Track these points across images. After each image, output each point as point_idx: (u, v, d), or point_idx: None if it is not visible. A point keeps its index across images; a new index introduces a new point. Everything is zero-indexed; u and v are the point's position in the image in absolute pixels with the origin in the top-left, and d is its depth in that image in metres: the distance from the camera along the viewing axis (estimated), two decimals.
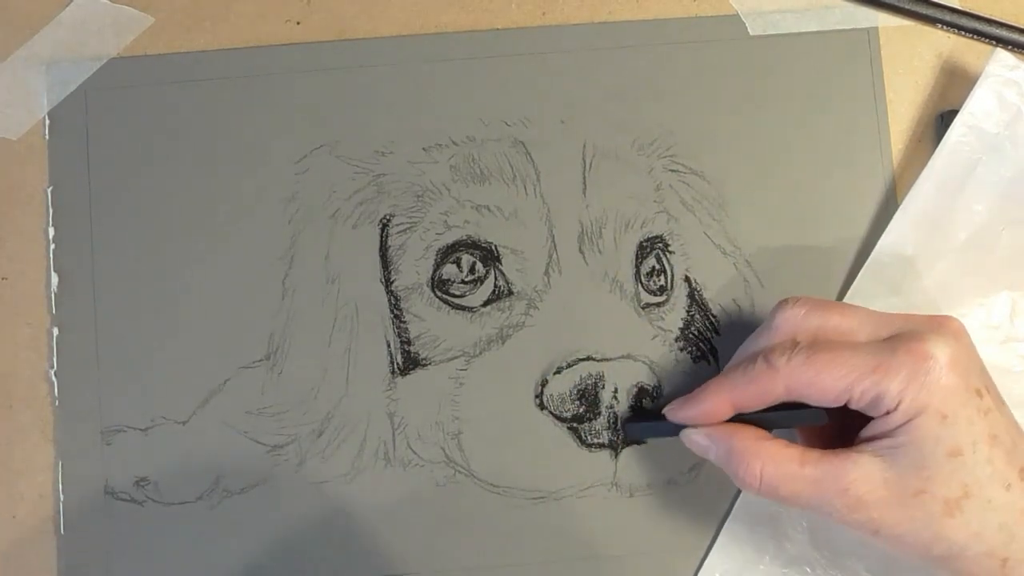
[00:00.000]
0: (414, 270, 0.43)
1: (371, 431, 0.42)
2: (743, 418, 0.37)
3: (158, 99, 0.44)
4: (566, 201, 0.43)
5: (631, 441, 0.42)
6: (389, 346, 0.43)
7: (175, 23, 0.44)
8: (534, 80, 0.44)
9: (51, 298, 0.43)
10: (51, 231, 0.43)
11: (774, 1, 0.45)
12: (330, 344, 0.43)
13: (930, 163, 0.42)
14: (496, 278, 0.43)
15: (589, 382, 0.42)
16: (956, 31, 0.44)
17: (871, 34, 0.44)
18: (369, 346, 0.43)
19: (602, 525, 0.42)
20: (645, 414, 0.42)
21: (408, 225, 0.43)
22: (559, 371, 0.42)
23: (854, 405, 0.34)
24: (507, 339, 0.42)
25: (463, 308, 0.43)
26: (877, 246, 0.42)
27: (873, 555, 0.41)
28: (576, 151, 0.44)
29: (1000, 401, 0.35)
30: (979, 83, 0.42)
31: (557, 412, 0.42)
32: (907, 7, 0.44)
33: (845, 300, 0.43)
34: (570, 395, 0.42)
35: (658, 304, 0.43)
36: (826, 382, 0.34)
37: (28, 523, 0.42)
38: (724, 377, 0.37)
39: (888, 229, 0.43)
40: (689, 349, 0.43)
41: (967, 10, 0.44)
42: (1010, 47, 0.44)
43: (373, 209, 0.43)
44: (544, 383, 0.42)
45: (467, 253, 0.43)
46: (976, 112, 0.42)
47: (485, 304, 0.43)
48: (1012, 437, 0.34)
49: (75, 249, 0.43)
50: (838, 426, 0.37)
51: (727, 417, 0.37)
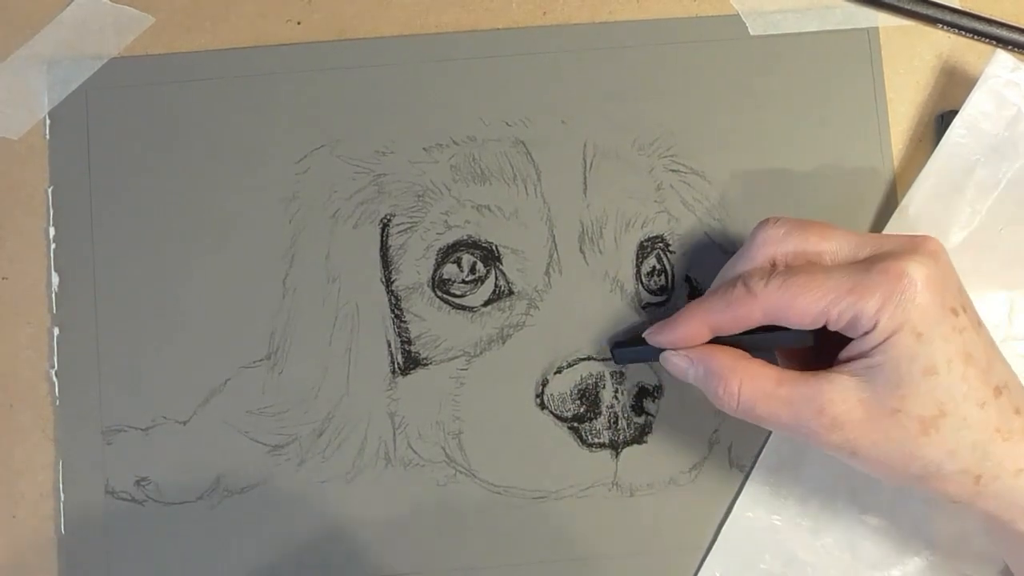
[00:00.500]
0: (415, 270, 0.43)
1: (371, 431, 0.42)
2: (723, 340, 0.37)
3: (158, 99, 0.44)
4: (567, 201, 0.43)
5: (620, 363, 0.42)
6: (390, 346, 0.43)
7: (175, 23, 0.44)
8: (534, 80, 0.44)
9: (51, 298, 0.43)
10: (51, 231, 0.43)
11: (774, 1, 0.45)
12: (331, 344, 0.43)
13: (929, 163, 0.42)
14: (497, 278, 0.43)
15: (590, 382, 0.42)
16: (956, 31, 0.44)
17: (871, 34, 0.44)
18: (370, 346, 0.43)
19: (602, 525, 0.42)
20: (628, 342, 0.41)
21: (409, 225, 0.43)
22: (560, 371, 0.42)
23: (832, 327, 0.34)
24: (508, 339, 0.43)
25: (464, 308, 0.43)
26: None
27: (873, 553, 0.41)
28: (577, 151, 0.44)
29: (977, 321, 0.35)
30: (979, 84, 0.42)
31: (558, 412, 0.42)
32: (907, 7, 0.44)
33: None
34: (571, 395, 0.42)
35: (659, 304, 0.43)
36: (803, 305, 0.34)
37: (28, 523, 0.42)
38: (703, 301, 0.37)
39: (887, 228, 0.43)
40: None
41: (967, 10, 0.44)
42: (1010, 47, 0.44)
43: (374, 209, 0.43)
44: (545, 383, 0.42)
45: (468, 253, 0.43)
46: (975, 113, 0.42)
47: (486, 304, 0.43)
48: (988, 356, 0.34)
49: (75, 249, 0.43)
50: (817, 349, 0.37)
51: (705, 340, 0.37)
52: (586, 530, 0.42)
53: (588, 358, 0.42)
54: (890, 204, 0.43)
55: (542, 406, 0.42)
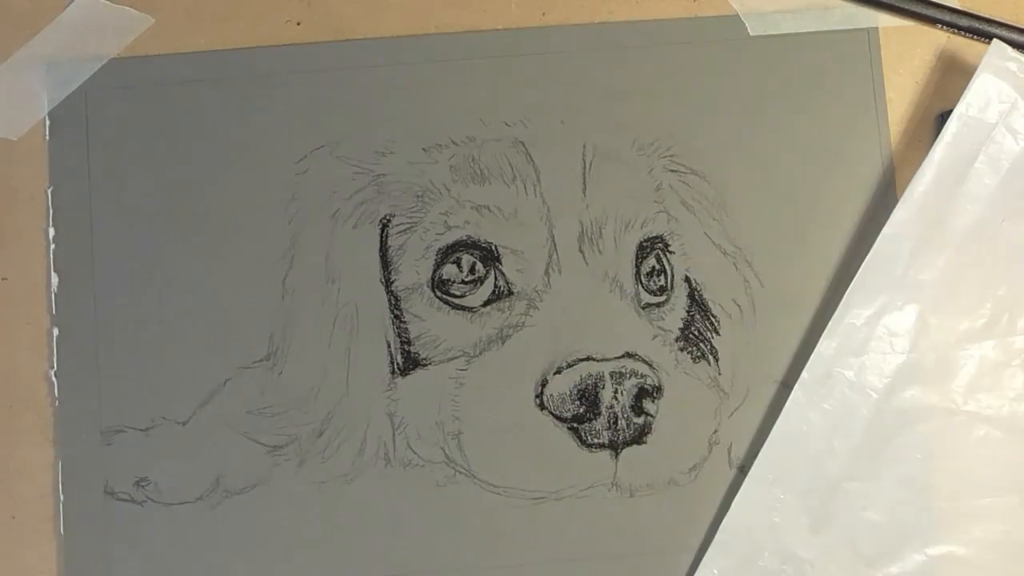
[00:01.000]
0: (414, 270, 0.43)
1: (371, 431, 0.42)
2: None
3: (158, 99, 0.44)
4: (566, 201, 0.43)
5: None
6: (389, 346, 0.43)
7: (175, 23, 0.44)
8: (534, 80, 0.44)
9: (51, 298, 0.43)
10: (51, 231, 0.43)
11: (774, 1, 0.45)
12: (330, 344, 0.43)
13: (929, 155, 0.42)
14: (496, 278, 0.43)
15: (589, 382, 0.42)
16: (956, 31, 0.44)
17: (871, 34, 0.44)
18: (369, 346, 0.43)
19: (602, 525, 0.42)
20: None
21: (408, 225, 0.43)
22: (559, 371, 0.42)
23: None
24: (507, 339, 0.43)
25: (463, 308, 0.43)
26: (878, 239, 0.42)
27: (872, 549, 0.41)
28: (576, 151, 0.44)
29: None
30: (977, 74, 0.42)
31: (557, 412, 0.42)
32: (907, 7, 0.44)
33: (847, 295, 0.42)
34: (570, 395, 0.42)
35: (658, 304, 0.43)
36: None
37: (28, 523, 0.42)
38: None
39: (889, 222, 0.42)
40: (689, 349, 0.43)
41: (967, 10, 0.44)
42: (1010, 47, 0.44)
43: (373, 209, 0.43)
44: (544, 383, 0.42)
45: (467, 253, 0.43)
46: (974, 103, 0.42)
47: (485, 304, 0.43)
48: None
49: (75, 249, 0.43)
50: None
51: None
52: (586, 530, 0.42)
53: (588, 358, 0.42)
54: (890, 204, 0.43)
55: (542, 406, 0.42)
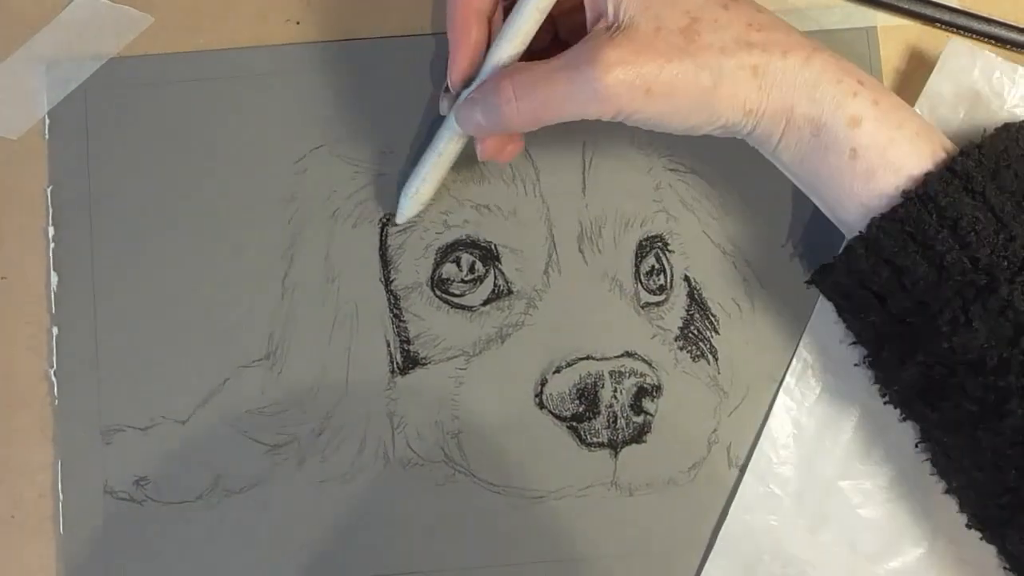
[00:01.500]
0: (414, 269, 0.43)
1: (370, 430, 0.42)
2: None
3: (158, 99, 0.44)
4: (566, 200, 0.43)
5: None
6: (389, 345, 0.43)
7: (175, 23, 0.44)
8: None
9: (51, 298, 0.43)
10: (51, 231, 0.43)
11: (773, 1, 0.45)
12: (330, 343, 0.43)
13: None
14: (496, 277, 0.43)
15: (588, 381, 0.42)
16: (955, 31, 0.44)
17: (870, 34, 0.44)
18: (369, 345, 0.43)
19: (602, 525, 0.42)
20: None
21: (408, 224, 0.43)
22: (559, 370, 0.42)
23: None
24: (507, 338, 0.42)
25: (463, 307, 0.43)
26: None
27: (872, 546, 0.41)
28: (575, 150, 0.44)
29: None
30: (935, 71, 0.42)
31: (556, 411, 0.42)
32: (907, 7, 0.44)
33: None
34: (569, 394, 0.42)
35: (657, 303, 0.43)
36: None
37: (28, 523, 0.42)
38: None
39: None
40: (688, 348, 0.43)
41: (967, 10, 0.44)
42: (1009, 47, 0.44)
43: (373, 209, 0.43)
44: (544, 382, 0.42)
45: (467, 252, 0.43)
46: (935, 99, 0.42)
47: (485, 303, 0.43)
48: None
49: (75, 249, 0.43)
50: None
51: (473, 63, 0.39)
52: (585, 530, 0.42)
53: (587, 358, 0.42)
54: None
55: (541, 406, 0.42)
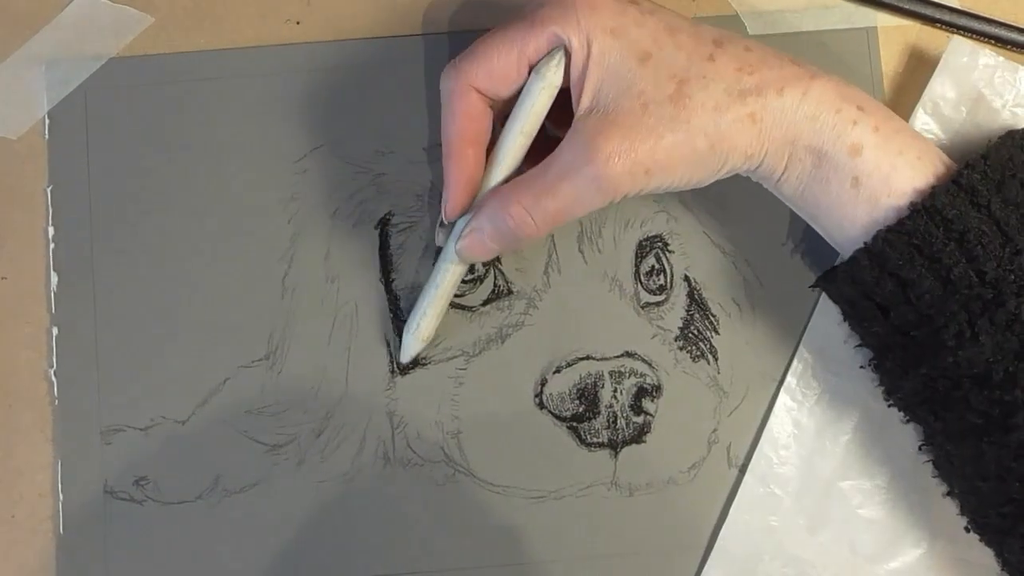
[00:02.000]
0: (414, 269, 0.43)
1: (370, 430, 0.42)
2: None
3: (157, 99, 0.44)
4: None
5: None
6: (389, 345, 0.43)
7: (175, 23, 0.44)
8: None
9: (51, 298, 0.43)
10: (51, 231, 0.43)
11: (774, 1, 0.45)
12: (330, 343, 0.43)
13: None
14: (495, 277, 0.43)
15: (588, 381, 0.42)
16: (956, 31, 0.44)
17: (870, 34, 0.44)
18: (369, 345, 0.43)
19: (602, 525, 0.42)
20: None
21: (408, 225, 0.43)
22: (558, 370, 0.42)
23: (538, 72, 0.36)
24: (506, 338, 0.42)
25: (462, 307, 0.43)
26: None
27: (871, 546, 0.41)
28: None
29: (658, 5, 0.36)
30: (937, 71, 0.42)
31: (556, 411, 0.42)
32: (907, 7, 0.44)
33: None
34: (569, 394, 0.42)
35: (657, 303, 0.43)
36: (496, 66, 0.36)
37: (28, 523, 0.42)
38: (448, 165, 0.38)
39: None
40: (688, 348, 0.43)
41: (967, 10, 0.44)
42: (1009, 46, 0.44)
43: (373, 209, 0.43)
44: (543, 382, 0.42)
45: None
46: (937, 99, 0.42)
47: (484, 303, 0.43)
48: (686, 22, 0.36)
49: (75, 249, 0.43)
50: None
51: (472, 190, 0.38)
52: (585, 530, 0.42)
53: (587, 358, 0.42)
54: None
55: (541, 406, 0.42)
